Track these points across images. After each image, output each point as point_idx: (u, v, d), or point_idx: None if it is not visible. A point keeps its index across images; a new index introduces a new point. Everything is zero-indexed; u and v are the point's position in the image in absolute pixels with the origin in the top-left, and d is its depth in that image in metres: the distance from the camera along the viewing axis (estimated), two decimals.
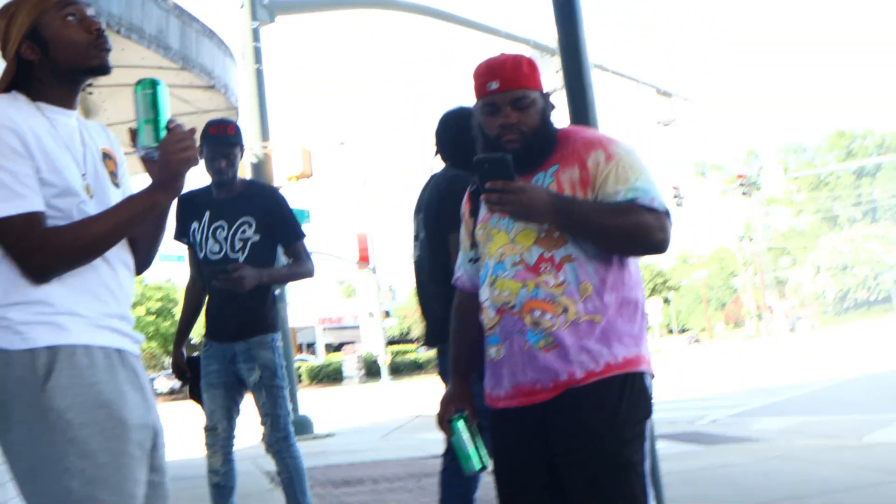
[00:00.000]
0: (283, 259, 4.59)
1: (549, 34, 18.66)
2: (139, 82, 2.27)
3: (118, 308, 2.26)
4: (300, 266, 4.47)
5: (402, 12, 18.56)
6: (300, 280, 4.55)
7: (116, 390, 2.15)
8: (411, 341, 58.10)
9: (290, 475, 4.42)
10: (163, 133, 2.21)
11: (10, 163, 2.11)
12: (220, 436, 4.39)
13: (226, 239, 4.33)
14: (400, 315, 61.85)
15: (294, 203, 17.72)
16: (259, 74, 15.03)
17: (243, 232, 4.32)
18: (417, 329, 58.89)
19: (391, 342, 51.16)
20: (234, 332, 4.38)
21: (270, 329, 4.42)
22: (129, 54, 10.05)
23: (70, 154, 2.25)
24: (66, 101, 2.33)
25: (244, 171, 13.46)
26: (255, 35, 15.12)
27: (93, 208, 2.22)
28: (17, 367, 2.07)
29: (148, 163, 2.25)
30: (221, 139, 4.33)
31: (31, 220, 2.11)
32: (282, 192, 4.63)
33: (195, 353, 4.55)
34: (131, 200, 2.24)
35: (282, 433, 4.37)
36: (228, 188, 4.40)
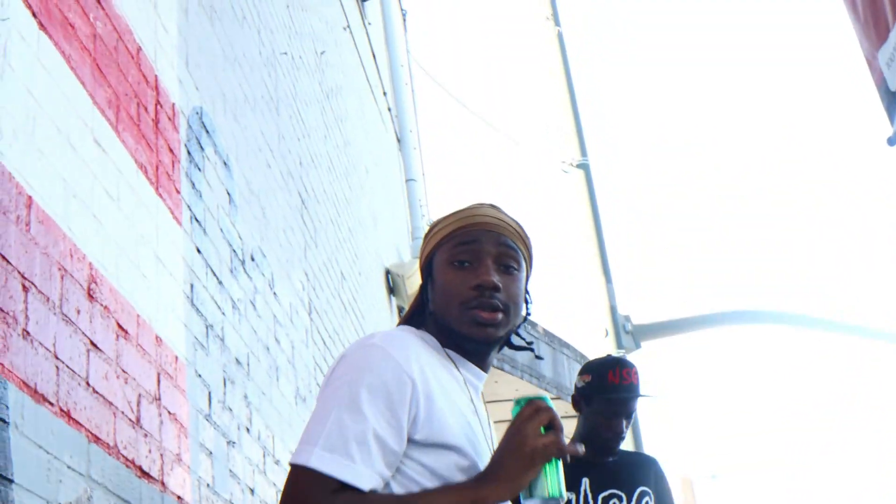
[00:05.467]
0: None
1: None
2: (517, 401, 1.67)
3: None
4: None
5: (768, 325, 17.80)
6: None
7: None
8: None
9: None
10: (561, 483, 1.62)
11: (371, 409, 1.57)
12: None
13: None
14: None
15: None
16: None
17: None
18: None
19: None
20: None
21: None
22: (503, 387, 9.98)
23: (482, 430, 1.75)
24: (478, 360, 1.80)
25: None
26: None
27: None
28: None
29: None
30: (629, 390, 3.22)
31: (329, 484, 1.53)
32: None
33: None
34: (452, 490, 1.60)
35: None
36: (613, 451, 3.32)
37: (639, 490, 3.27)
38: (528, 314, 1.87)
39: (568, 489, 2.94)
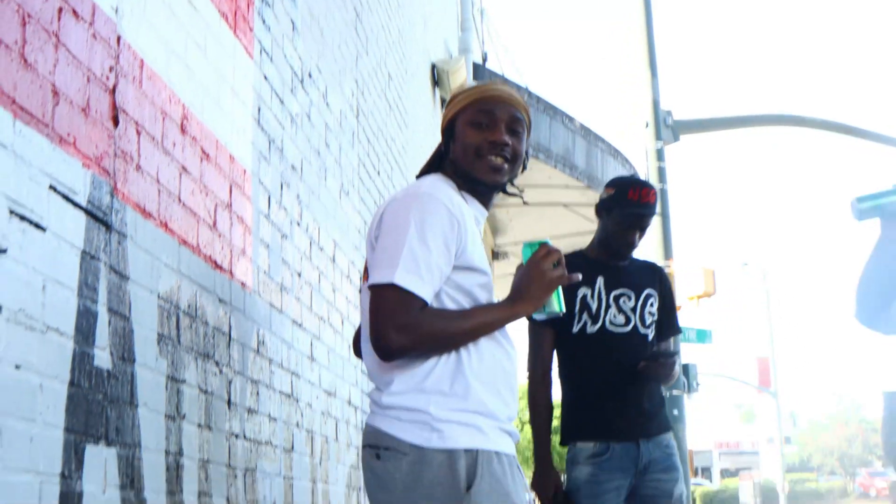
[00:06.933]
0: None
1: None
2: (529, 244, 2.34)
3: (515, 409, 2.29)
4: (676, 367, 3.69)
5: (808, 129, 17.93)
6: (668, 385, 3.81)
7: (521, 499, 2.20)
8: (812, 469, 54.83)
9: None
10: (562, 303, 2.33)
11: (434, 244, 2.14)
12: None
13: (633, 310, 3.64)
14: (801, 442, 58.53)
15: (696, 323, 17.45)
16: (663, 194, 15.05)
17: (651, 305, 3.69)
18: (819, 457, 55.29)
19: (790, 470, 48.31)
20: (644, 430, 3.60)
21: (671, 429, 3.72)
22: (537, 174, 10.56)
23: (484, 252, 2.36)
24: (482, 200, 2.39)
25: None
26: (660, 155, 15.22)
27: None
28: (433, 467, 2.10)
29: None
30: (645, 207, 3.62)
31: (413, 300, 2.12)
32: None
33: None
34: (495, 307, 2.26)
35: None
36: (624, 257, 3.72)
37: (646, 292, 3.70)
38: (524, 167, 2.46)
39: (584, 285, 3.59)
